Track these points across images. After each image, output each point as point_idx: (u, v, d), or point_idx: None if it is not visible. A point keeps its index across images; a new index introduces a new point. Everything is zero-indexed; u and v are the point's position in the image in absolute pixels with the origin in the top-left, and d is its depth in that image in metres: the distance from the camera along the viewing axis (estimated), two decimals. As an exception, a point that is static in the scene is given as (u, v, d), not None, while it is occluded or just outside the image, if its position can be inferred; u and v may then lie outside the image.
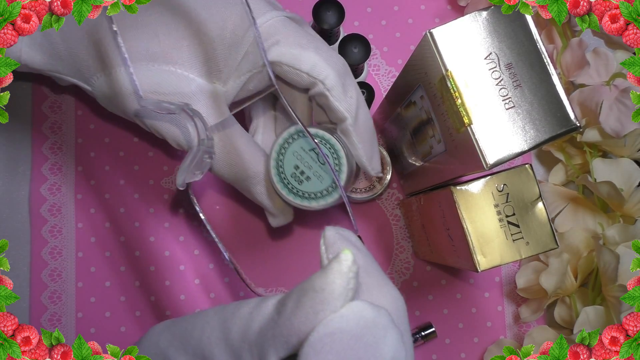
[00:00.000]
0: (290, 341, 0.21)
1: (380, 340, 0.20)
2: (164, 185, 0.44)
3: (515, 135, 0.26)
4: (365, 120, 0.34)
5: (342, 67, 0.34)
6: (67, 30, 0.33)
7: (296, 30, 0.33)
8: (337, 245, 0.24)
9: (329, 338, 0.20)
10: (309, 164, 0.33)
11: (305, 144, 0.33)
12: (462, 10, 0.45)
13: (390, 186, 0.44)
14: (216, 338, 0.23)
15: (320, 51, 0.33)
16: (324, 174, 0.33)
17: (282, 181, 0.34)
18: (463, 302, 0.43)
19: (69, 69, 0.34)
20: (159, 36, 0.32)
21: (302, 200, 0.33)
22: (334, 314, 0.20)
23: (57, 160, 0.43)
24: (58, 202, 0.43)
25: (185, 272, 0.43)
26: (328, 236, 0.24)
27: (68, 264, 0.43)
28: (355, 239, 0.25)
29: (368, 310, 0.21)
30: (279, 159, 0.33)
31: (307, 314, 0.21)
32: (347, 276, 0.21)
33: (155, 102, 0.31)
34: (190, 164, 0.31)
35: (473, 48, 0.27)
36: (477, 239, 0.30)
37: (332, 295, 0.20)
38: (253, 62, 0.33)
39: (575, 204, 0.42)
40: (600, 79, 0.40)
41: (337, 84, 0.33)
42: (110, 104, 0.34)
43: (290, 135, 0.33)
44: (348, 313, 0.20)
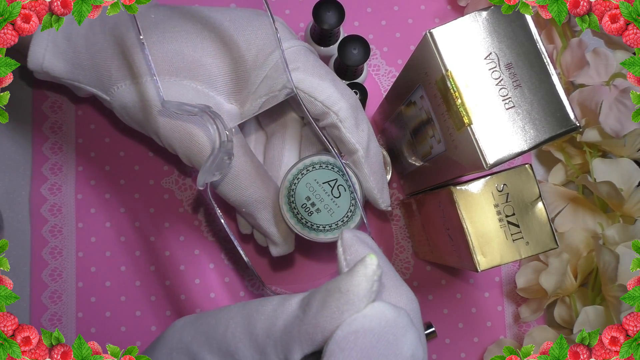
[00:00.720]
0: (316, 338, 0.22)
1: (400, 339, 0.21)
2: (164, 185, 0.44)
3: (515, 135, 0.26)
4: (376, 154, 0.36)
5: (355, 102, 0.35)
6: (92, 39, 0.34)
7: (316, 60, 0.35)
8: (354, 247, 0.25)
9: (353, 336, 0.21)
10: (321, 197, 0.34)
11: (320, 177, 0.34)
12: (462, 10, 0.45)
13: (390, 186, 0.44)
14: (240, 333, 0.24)
15: (337, 84, 0.34)
16: (336, 208, 0.34)
17: (291, 210, 0.34)
18: (463, 302, 0.43)
19: (90, 78, 0.34)
20: (184, 51, 0.33)
21: (309, 231, 0.34)
22: (358, 313, 0.21)
23: (58, 160, 0.43)
24: (58, 202, 0.43)
25: (185, 272, 0.43)
26: (346, 238, 0.25)
27: (68, 264, 0.43)
28: (372, 242, 0.26)
29: (389, 311, 0.22)
30: (292, 188, 0.34)
31: (333, 313, 0.22)
32: (372, 279, 0.22)
33: (178, 103, 0.32)
34: (212, 164, 0.31)
35: (473, 48, 0.27)
36: (477, 239, 0.30)
37: (357, 297, 0.21)
38: (270, 86, 0.34)
39: (575, 204, 0.42)
40: (600, 79, 0.40)
41: (350, 116, 0.34)
42: (127, 115, 0.35)
43: (305, 167, 0.34)
44: (371, 313, 0.21)
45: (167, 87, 0.33)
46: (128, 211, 0.43)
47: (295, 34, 0.37)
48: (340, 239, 0.25)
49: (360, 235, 0.25)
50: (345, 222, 0.34)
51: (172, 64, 0.33)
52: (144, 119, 0.34)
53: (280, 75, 0.34)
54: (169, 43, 0.33)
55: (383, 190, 0.36)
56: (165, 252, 0.43)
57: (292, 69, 0.34)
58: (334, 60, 0.42)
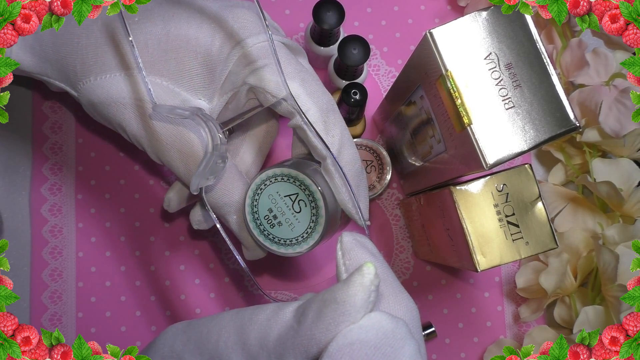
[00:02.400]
0: (310, 350, 0.21)
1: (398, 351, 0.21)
2: (164, 185, 0.44)
3: (515, 135, 0.27)
4: (351, 162, 0.32)
5: (326, 104, 0.32)
6: (59, 32, 0.33)
7: (287, 57, 0.32)
8: (354, 251, 0.24)
9: (348, 348, 0.20)
10: (283, 210, 0.32)
11: (282, 189, 0.32)
12: (462, 10, 0.45)
13: (390, 186, 0.44)
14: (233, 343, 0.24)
15: (306, 83, 0.32)
16: (296, 222, 0.31)
17: (254, 221, 0.32)
18: (463, 302, 0.43)
19: (57, 73, 0.33)
20: (149, 47, 0.32)
21: (271, 244, 0.32)
22: (354, 324, 0.21)
23: (58, 160, 0.43)
24: (58, 202, 0.43)
25: (185, 273, 0.43)
26: (345, 242, 0.24)
27: (68, 264, 0.43)
28: (372, 246, 0.25)
29: (387, 322, 0.21)
30: (255, 198, 0.32)
31: (329, 325, 0.21)
32: (369, 289, 0.21)
33: (169, 107, 0.30)
34: (205, 168, 0.30)
35: (473, 48, 0.27)
36: (476, 239, 0.30)
37: (354, 308, 0.21)
38: (234, 82, 0.32)
39: (574, 204, 0.42)
40: (599, 79, 0.40)
41: (318, 120, 0.31)
42: (95, 110, 0.33)
43: (267, 177, 0.32)
44: (367, 324, 0.21)
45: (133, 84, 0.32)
46: (128, 211, 0.43)
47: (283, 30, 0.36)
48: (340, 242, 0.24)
49: (360, 239, 0.25)
50: (305, 238, 0.31)
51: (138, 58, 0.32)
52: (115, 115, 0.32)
53: (241, 70, 0.32)
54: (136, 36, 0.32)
55: (359, 204, 0.32)
56: (165, 252, 0.43)
57: (259, 67, 0.31)
58: (334, 60, 0.42)
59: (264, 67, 0.31)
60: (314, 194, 0.31)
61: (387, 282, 0.24)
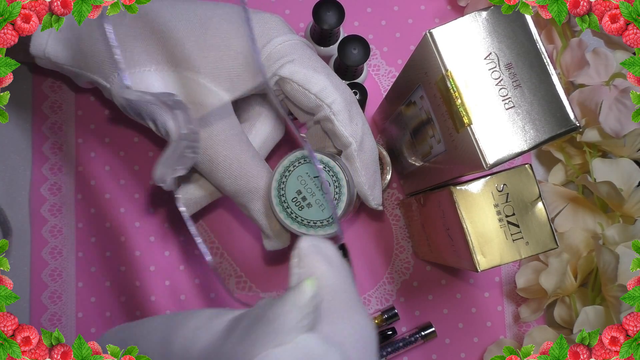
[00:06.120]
0: None
1: None
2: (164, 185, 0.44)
3: (515, 135, 0.27)
4: (370, 149, 0.34)
5: (349, 96, 0.34)
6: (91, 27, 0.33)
7: (312, 54, 0.35)
8: (309, 258, 0.22)
9: None
10: (313, 191, 0.32)
11: (311, 170, 0.32)
12: (462, 10, 0.45)
13: (390, 186, 0.44)
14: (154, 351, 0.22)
15: (332, 77, 0.34)
16: (327, 203, 0.32)
17: (281, 204, 0.32)
18: (463, 302, 0.43)
19: (92, 65, 0.34)
20: (185, 44, 0.33)
21: (299, 226, 0.32)
22: (279, 347, 0.19)
23: (57, 160, 0.43)
24: (58, 202, 0.43)
25: (184, 272, 0.43)
26: (302, 247, 0.23)
27: (68, 264, 0.43)
28: (332, 253, 0.23)
29: (317, 347, 0.19)
30: (282, 181, 0.32)
31: (254, 344, 0.19)
32: (303, 310, 0.19)
33: (138, 93, 0.30)
34: (170, 158, 0.29)
35: (473, 48, 0.27)
36: (476, 239, 0.30)
37: (284, 328, 0.19)
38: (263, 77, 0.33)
39: (575, 204, 0.42)
40: (600, 79, 0.40)
41: (343, 110, 0.33)
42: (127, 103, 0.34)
43: (297, 159, 0.32)
44: (293, 348, 0.19)
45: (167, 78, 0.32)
46: (128, 211, 0.43)
47: None
48: (297, 247, 0.23)
49: (319, 245, 0.23)
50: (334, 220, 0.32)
51: (173, 54, 0.32)
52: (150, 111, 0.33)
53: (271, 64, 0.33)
54: (170, 33, 0.33)
55: (374, 187, 0.35)
56: (165, 253, 0.43)
57: (288, 61, 0.33)
58: (334, 60, 0.42)
59: (293, 61, 0.33)
60: (338, 174, 0.32)
61: (339, 297, 0.22)
